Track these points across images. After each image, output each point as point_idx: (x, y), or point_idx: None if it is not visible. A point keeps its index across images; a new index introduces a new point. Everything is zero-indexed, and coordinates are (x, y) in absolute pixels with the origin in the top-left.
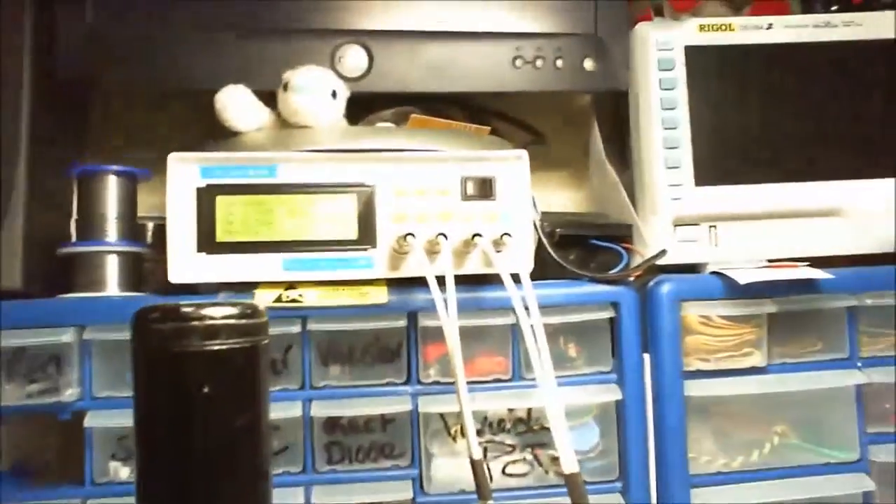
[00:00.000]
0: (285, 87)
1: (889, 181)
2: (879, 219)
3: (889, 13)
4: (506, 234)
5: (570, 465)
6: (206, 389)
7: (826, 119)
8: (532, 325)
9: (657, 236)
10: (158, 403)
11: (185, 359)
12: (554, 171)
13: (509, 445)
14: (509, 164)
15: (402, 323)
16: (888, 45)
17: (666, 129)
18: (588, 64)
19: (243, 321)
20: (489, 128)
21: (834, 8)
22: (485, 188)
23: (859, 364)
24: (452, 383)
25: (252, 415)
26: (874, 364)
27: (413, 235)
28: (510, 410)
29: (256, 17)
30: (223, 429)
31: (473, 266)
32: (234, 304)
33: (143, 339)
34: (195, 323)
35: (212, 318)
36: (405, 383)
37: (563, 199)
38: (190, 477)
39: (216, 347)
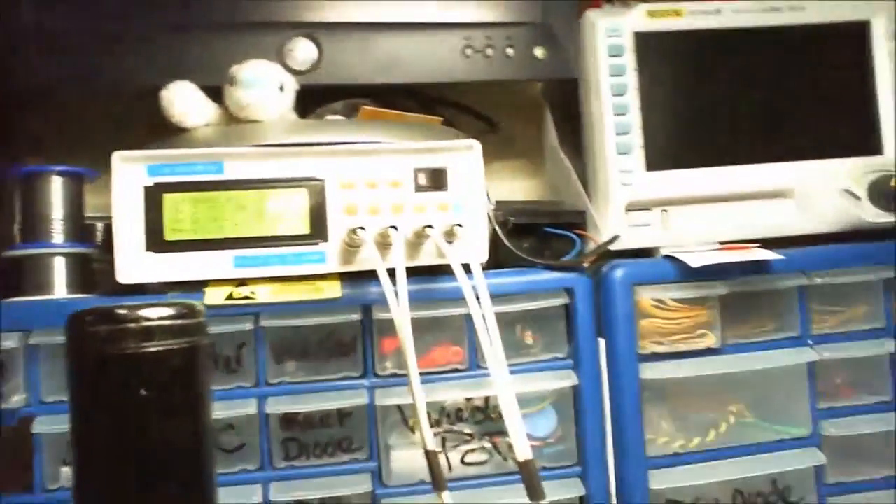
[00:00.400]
0: (232, 82)
1: (837, 161)
2: (828, 199)
3: None
4: (458, 224)
5: (523, 453)
6: (143, 392)
7: (774, 102)
8: (483, 315)
9: (610, 222)
10: (95, 408)
11: (120, 362)
12: (510, 160)
13: (468, 434)
14: (461, 154)
15: (357, 316)
16: (833, 28)
17: (616, 115)
18: (538, 52)
19: (180, 321)
20: (441, 118)
21: None
22: (437, 179)
23: (810, 342)
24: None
25: (193, 416)
26: (825, 341)
27: (363, 228)
28: (468, 400)
29: (202, 10)
30: (163, 431)
31: (427, 257)
32: (170, 305)
33: (78, 342)
34: (130, 325)
35: (147, 319)
36: (361, 377)
37: (519, 187)
38: (129, 482)
39: (153, 349)
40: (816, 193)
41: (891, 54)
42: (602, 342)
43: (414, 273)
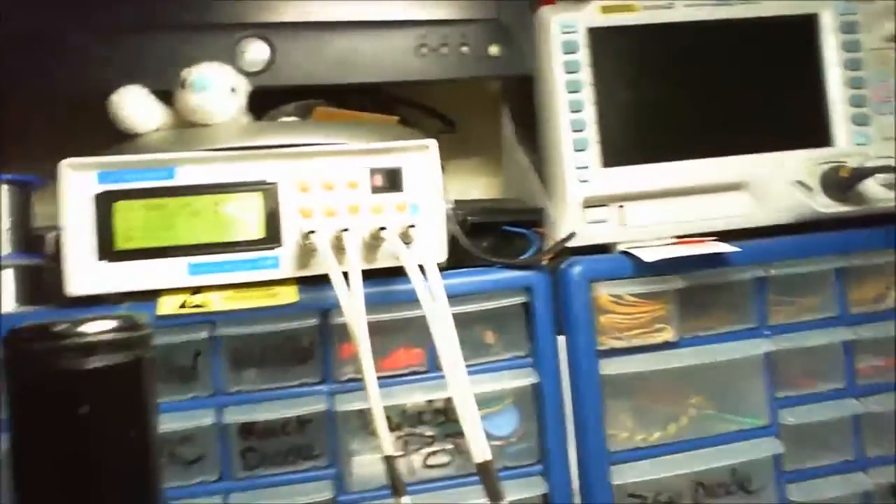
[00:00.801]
0: (182, 85)
1: (790, 153)
2: (782, 191)
3: None
4: (412, 225)
5: (480, 455)
6: (84, 410)
7: (728, 95)
8: (438, 317)
9: (567, 219)
10: (35, 427)
11: (59, 379)
12: (469, 158)
13: (429, 437)
14: (417, 154)
15: (315, 321)
16: (783, 21)
17: (572, 111)
18: (493, 50)
19: (123, 335)
20: (397, 118)
21: None
22: (393, 179)
23: (767, 333)
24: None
25: (137, 432)
26: (781, 332)
27: (314, 232)
28: (429, 402)
29: (152, 12)
30: (106, 449)
31: (385, 259)
32: (111, 318)
33: (15, 360)
34: (69, 340)
35: (87, 334)
36: (320, 382)
37: (479, 185)
38: (72, 502)
39: (93, 365)
40: (770, 186)
41: (839, 47)
42: (562, 339)
43: (375, 275)
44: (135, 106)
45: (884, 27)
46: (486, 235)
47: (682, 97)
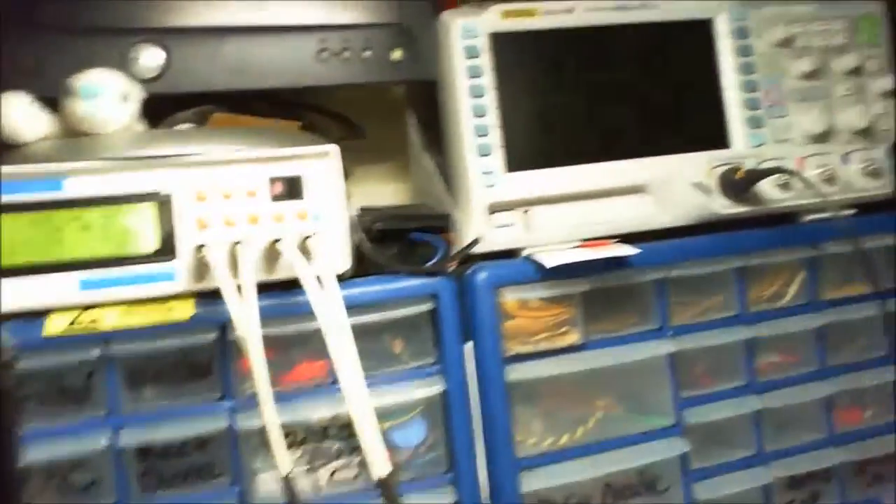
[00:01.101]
0: (70, 93)
1: (690, 156)
2: (682, 193)
3: None
4: (310, 235)
5: (379, 469)
6: None
7: (628, 99)
8: (334, 329)
9: (473, 224)
10: None
11: None
12: (376, 165)
13: (336, 451)
14: (317, 161)
15: (213, 336)
16: (680, 25)
17: (475, 116)
18: (396, 54)
19: None
20: (298, 123)
21: None
22: (293, 187)
23: (670, 333)
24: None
25: None
26: (684, 332)
27: (206, 246)
28: (334, 416)
29: (37, 14)
30: None
31: (284, 271)
32: None
33: None
34: None
35: None
36: (221, 399)
37: (388, 192)
38: None
39: None
40: (671, 188)
41: (733, 51)
42: (469, 346)
43: (277, 287)
44: (18, 114)
45: (774, 31)
46: (394, 243)
47: (584, 101)
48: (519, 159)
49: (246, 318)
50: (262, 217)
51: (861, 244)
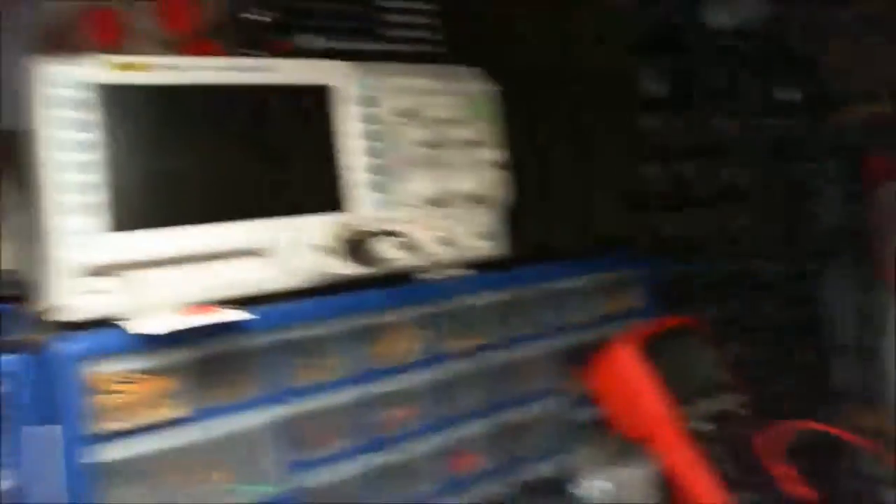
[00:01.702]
0: None
1: (309, 218)
2: (303, 255)
3: (302, 60)
4: None
5: None
6: None
7: (245, 160)
8: None
9: (59, 291)
10: None
11: None
12: None
13: None
14: None
15: None
16: (298, 90)
17: (72, 173)
18: None
19: None
20: None
21: (252, 53)
22: None
23: (287, 397)
24: None
25: None
26: (301, 394)
27: None
28: None
29: None
30: None
31: None
32: None
33: None
34: None
35: None
36: None
37: None
38: None
39: None
40: (289, 250)
41: (358, 118)
42: (56, 429)
43: None
44: None
45: (399, 101)
46: None
47: (198, 161)
48: (124, 219)
49: None
50: None
51: (475, 301)
